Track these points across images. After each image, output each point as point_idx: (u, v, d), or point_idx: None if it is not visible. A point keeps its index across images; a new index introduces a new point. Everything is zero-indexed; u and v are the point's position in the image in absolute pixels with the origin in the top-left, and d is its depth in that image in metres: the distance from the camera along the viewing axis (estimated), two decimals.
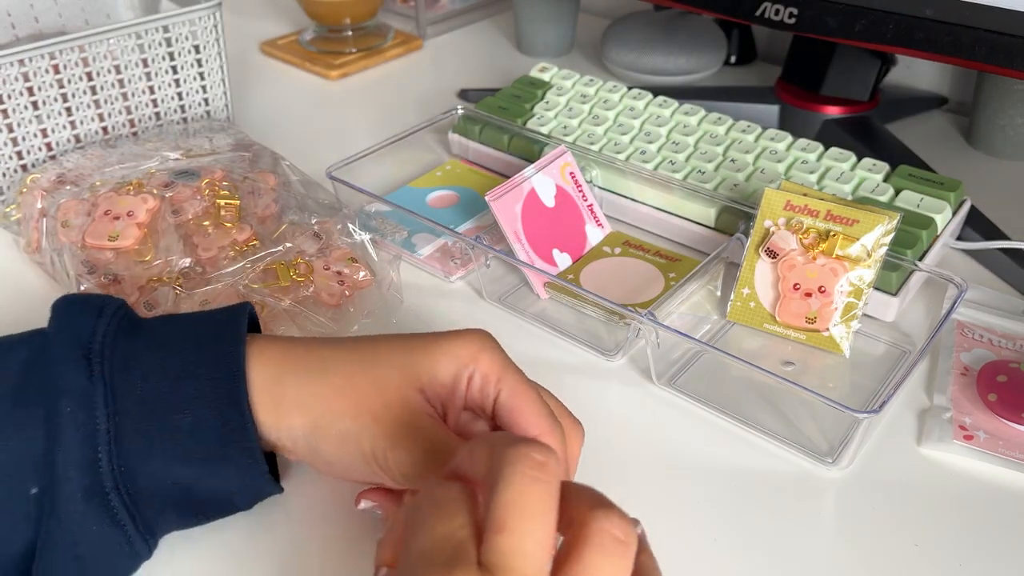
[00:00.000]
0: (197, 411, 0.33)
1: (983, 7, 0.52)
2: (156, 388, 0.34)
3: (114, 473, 0.32)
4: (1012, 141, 0.67)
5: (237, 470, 0.34)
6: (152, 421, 0.33)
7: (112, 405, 0.33)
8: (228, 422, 0.33)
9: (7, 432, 0.32)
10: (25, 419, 0.32)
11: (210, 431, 0.33)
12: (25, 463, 0.32)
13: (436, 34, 0.91)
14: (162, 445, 0.33)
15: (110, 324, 0.35)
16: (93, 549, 0.33)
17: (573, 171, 0.56)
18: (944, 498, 0.40)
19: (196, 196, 0.54)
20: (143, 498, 0.33)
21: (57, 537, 0.32)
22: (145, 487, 0.33)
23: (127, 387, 0.33)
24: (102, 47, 0.59)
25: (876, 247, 0.46)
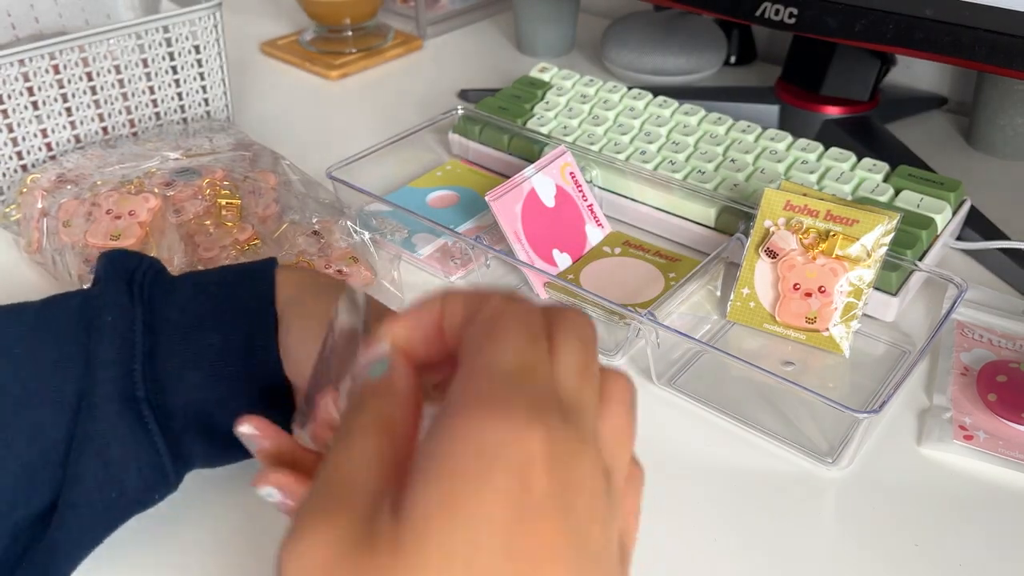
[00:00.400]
0: (227, 333, 0.36)
1: (983, 7, 0.52)
2: (191, 313, 0.36)
3: (147, 384, 0.34)
4: (1012, 141, 0.67)
5: (260, 389, 0.35)
6: (185, 342, 0.35)
7: (149, 323, 0.36)
8: (254, 342, 0.36)
9: (61, 340, 0.35)
10: (74, 332, 0.35)
11: (238, 350, 0.35)
12: (71, 364, 0.34)
13: (436, 34, 0.91)
14: (194, 363, 0.35)
15: (153, 264, 0.38)
16: (123, 453, 0.34)
17: (573, 171, 0.56)
18: (944, 498, 0.40)
19: (197, 196, 0.54)
20: (172, 414, 0.35)
21: (92, 432, 0.33)
22: (174, 404, 0.35)
23: (165, 311, 0.36)
24: (102, 47, 0.59)
25: (876, 247, 0.46)
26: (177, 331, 0.36)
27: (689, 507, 0.40)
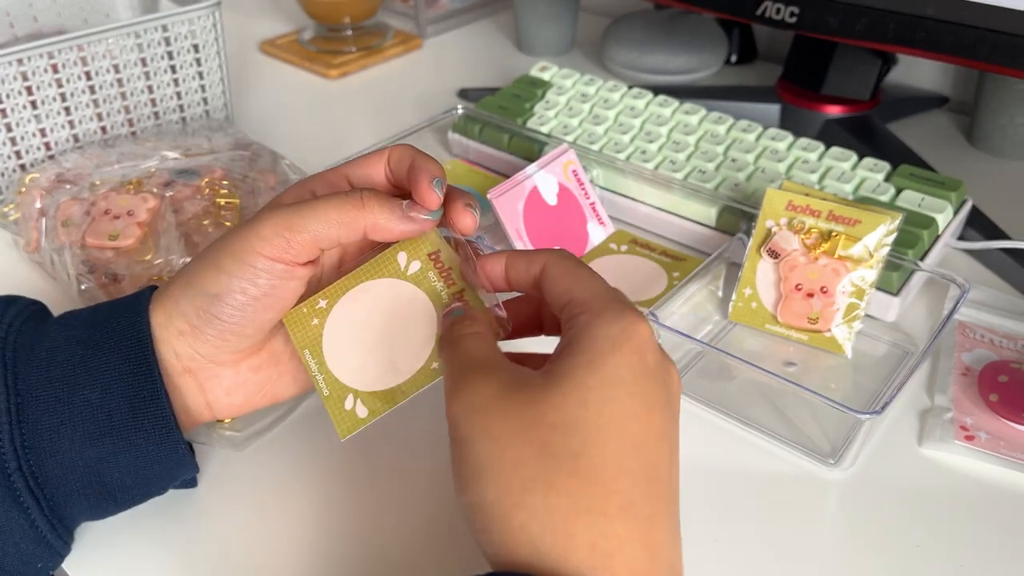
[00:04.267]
0: (106, 383, 0.33)
1: (985, 6, 0.52)
2: (63, 366, 0.33)
3: (17, 454, 0.32)
4: (1013, 141, 0.66)
5: (149, 441, 0.34)
6: (60, 399, 0.33)
7: (14, 386, 0.33)
8: (138, 391, 0.33)
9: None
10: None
11: (120, 402, 0.33)
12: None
13: (436, 33, 0.91)
14: (71, 423, 0.33)
15: (19, 313, 0.35)
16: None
17: (576, 169, 0.55)
18: (945, 499, 0.40)
19: (196, 195, 0.54)
20: (51, 482, 0.33)
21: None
22: (54, 470, 0.33)
23: (32, 367, 0.33)
24: (101, 46, 0.59)
25: (878, 247, 0.46)
26: (47, 389, 0.33)
27: (690, 508, 0.40)
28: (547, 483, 0.27)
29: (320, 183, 0.37)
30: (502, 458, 0.27)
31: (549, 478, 0.27)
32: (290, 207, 0.34)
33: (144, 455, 0.34)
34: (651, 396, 0.29)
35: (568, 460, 0.27)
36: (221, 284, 0.34)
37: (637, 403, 0.28)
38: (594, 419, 0.28)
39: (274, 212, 0.34)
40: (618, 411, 0.28)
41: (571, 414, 0.28)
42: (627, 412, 0.28)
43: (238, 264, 0.33)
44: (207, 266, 0.34)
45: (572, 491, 0.27)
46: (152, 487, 0.36)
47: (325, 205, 0.34)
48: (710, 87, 0.77)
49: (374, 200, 0.34)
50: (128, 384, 0.33)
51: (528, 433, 0.28)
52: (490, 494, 0.27)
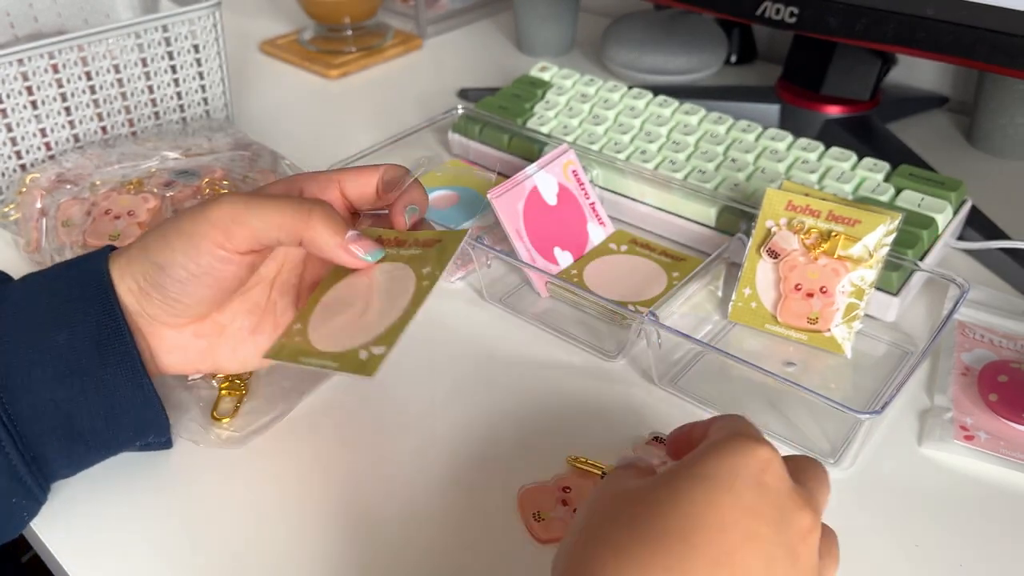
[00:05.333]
0: (72, 325, 0.35)
1: (984, 6, 0.52)
2: (28, 312, 0.36)
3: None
4: (1013, 141, 0.67)
5: (116, 378, 0.35)
6: (28, 344, 0.35)
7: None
8: (102, 330, 0.35)
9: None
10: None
11: (85, 342, 0.35)
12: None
13: (436, 33, 0.91)
14: (40, 364, 0.35)
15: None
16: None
17: (576, 169, 0.55)
18: (945, 498, 0.40)
19: (196, 195, 0.54)
20: (23, 421, 0.35)
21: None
22: (25, 410, 0.35)
23: (2, 316, 0.36)
24: (101, 47, 0.59)
25: (878, 247, 0.46)
26: (15, 335, 0.35)
27: None
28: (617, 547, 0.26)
29: (311, 183, 0.39)
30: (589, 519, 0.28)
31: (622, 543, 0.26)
32: (246, 199, 0.36)
33: (111, 392, 0.35)
34: (761, 522, 0.27)
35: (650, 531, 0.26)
36: (166, 257, 0.36)
37: (750, 521, 0.26)
38: (686, 507, 0.26)
39: (231, 200, 0.36)
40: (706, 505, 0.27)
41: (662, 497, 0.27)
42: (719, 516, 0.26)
43: (183, 242, 0.36)
44: (159, 237, 0.36)
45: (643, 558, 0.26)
46: (122, 431, 0.37)
47: (273, 207, 0.36)
48: (710, 87, 0.77)
49: (320, 218, 0.36)
50: (93, 324, 0.35)
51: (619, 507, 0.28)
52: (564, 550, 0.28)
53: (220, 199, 0.36)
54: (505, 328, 0.50)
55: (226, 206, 0.35)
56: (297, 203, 0.36)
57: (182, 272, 0.36)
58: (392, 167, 0.40)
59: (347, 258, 0.37)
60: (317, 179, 0.39)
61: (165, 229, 0.36)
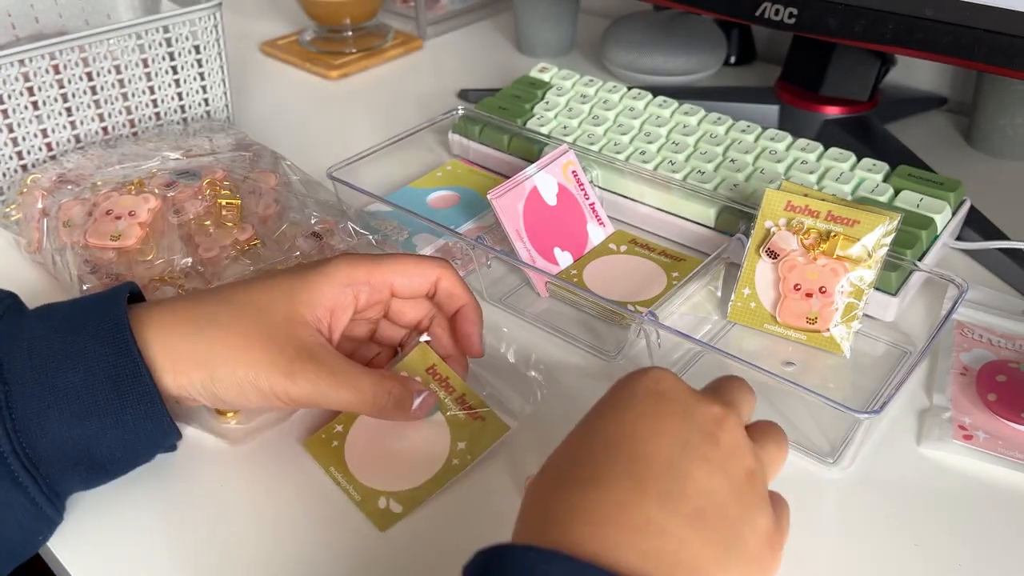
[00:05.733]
0: (87, 365, 0.35)
1: (983, 7, 0.52)
2: (44, 351, 0.35)
3: (10, 437, 0.34)
4: (1012, 141, 0.67)
5: (135, 417, 0.35)
6: (44, 383, 0.35)
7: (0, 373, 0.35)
8: (120, 371, 0.35)
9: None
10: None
11: (103, 382, 0.35)
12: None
13: (436, 34, 0.91)
14: (57, 405, 0.35)
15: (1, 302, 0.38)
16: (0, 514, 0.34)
17: (576, 170, 0.56)
18: (944, 498, 0.40)
19: (197, 196, 0.54)
20: (45, 461, 0.35)
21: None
22: (45, 449, 0.35)
23: (15, 354, 0.35)
24: (102, 47, 0.59)
25: (877, 247, 0.46)
26: (31, 375, 0.35)
27: None
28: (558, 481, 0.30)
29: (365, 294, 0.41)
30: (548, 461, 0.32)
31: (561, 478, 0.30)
32: (326, 382, 0.37)
33: (130, 431, 0.36)
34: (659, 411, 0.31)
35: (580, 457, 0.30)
36: (238, 402, 0.38)
37: (627, 414, 0.31)
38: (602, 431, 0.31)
39: (303, 382, 0.37)
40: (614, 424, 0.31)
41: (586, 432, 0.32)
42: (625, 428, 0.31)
43: (259, 400, 0.37)
44: (232, 382, 0.37)
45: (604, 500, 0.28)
46: (140, 457, 0.38)
47: (350, 388, 0.37)
48: (709, 88, 0.77)
49: (394, 411, 0.39)
50: (110, 365, 0.35)
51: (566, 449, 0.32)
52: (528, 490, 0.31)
53: (306, 375, 0.37)
54: (505, 327, 0.51)
55: (311, 390, 0.37)
56: (374, 385, 0.38)
57: (247, 406, 0.39)
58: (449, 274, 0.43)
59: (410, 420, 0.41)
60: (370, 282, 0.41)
61: (240, 379, 0.37)
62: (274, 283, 0.39)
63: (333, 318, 0.39)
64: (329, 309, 0.39)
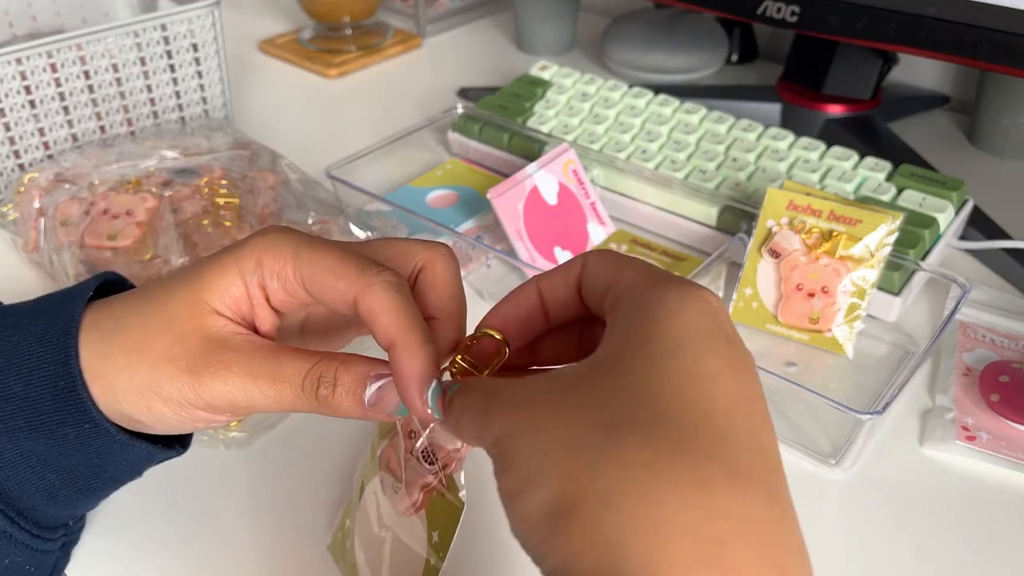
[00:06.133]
0: (26, 374, 0.30)
1: (986, 5, 0.51)
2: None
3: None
4: (1015, 140, 0.66)
5: (78, 438, 0.30)
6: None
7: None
8: (57, 383, 0.30)
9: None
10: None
11: (43, 393, 0.30)
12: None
13: (436, 32, 0.91)
14: (2, 414, 0.30)
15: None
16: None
17: (576, 168, 0.55)
18: (946, 499, 0.40)
19: (195, 195, 0.54)
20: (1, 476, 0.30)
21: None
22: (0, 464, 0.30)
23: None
24: (100, 46, 0.58)
25: (879, 247, 0.46)
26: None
27: None
28: (618, 458, 0.20)
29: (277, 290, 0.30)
30: (556, 447, 0.21)
31: (618, 452, 0.20)
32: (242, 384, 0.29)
33: (81, 447, 0.31)
34: (735, 359, 0.23)
35: (641, 431, 0.21)
36: (150, 418, 0.30)
37: (718, 363, 0.22)
38: (664, 384, 0.22)
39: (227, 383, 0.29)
40: (694, 372, 0.22)
41: (635, 385, 0.22)
42: (706, 373, 0.22)
43: (172, 411, 0.30)
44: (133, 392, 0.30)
45: (651, 463, 0.20)
46: (115, 472, 0.32)
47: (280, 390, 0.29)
48: (711, 86, 0.77)
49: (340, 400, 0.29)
50: (49, 374, 0.30)
51: (584, 416, 0.21)
52: (543, 492, 0.21)
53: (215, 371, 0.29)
54: None
55: (223, 388, 0.29)
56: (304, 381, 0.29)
57: (170, 429, 0.31)
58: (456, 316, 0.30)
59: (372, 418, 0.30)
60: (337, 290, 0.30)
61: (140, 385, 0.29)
62: (184, 270, 0.31)
63: (255, 306, 0.31)
64: (244, 299, 0.30)
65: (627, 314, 0.24)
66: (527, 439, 0.22)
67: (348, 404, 0.29)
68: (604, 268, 0.26)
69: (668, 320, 0.23)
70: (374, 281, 0.28)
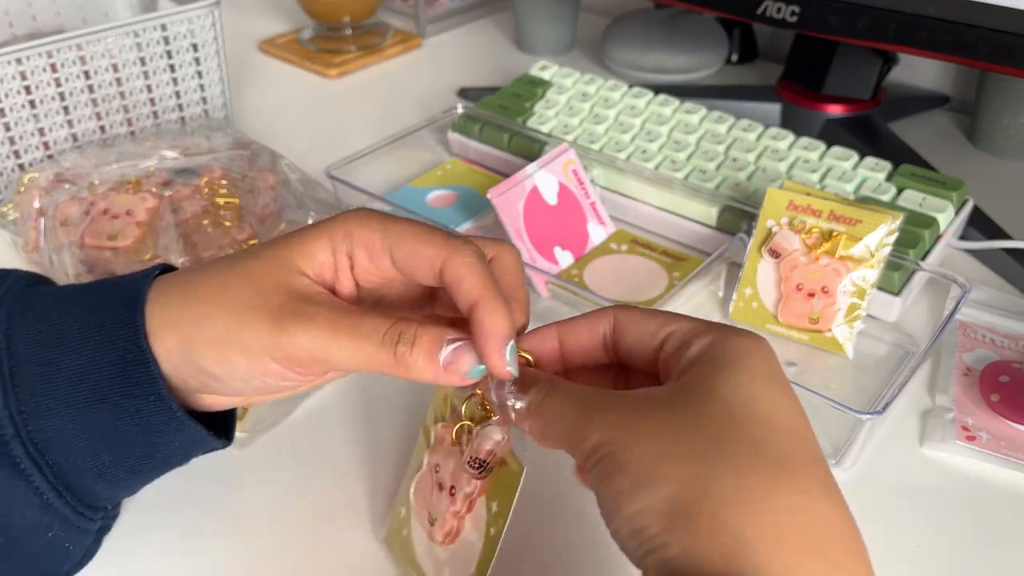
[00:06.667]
0: (93, 348, 0.31)
1: (986, 5, 0.51)
2: (55, 327, 0.31)
3: (14, 420, 0.30)
4: (1015, 140, 0.66)
5: (142, 407, 0.31)
6: (52, 363, 0.31)
7: (7, 348, 0.31)
8: (126, 356, 0.30)
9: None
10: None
11: (109, 368, 0.31)
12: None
13: (436, 32, 0.91)
14: (64, 388, 0.31)
15: (19, 280, 0.34)
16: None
17: (576, 168, 0.55)
18: (947, 499, 0.40)
19: (195, 195, 0.54)
20: (52, 448, 0.31)
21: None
22: (53, 436, 0.31)
23: (27, 330, 0.31)
24: (100, 46, 0.58)
25: (879, 247, 0.46)
26: (39, 352, 0.31)
27: None
28: (733, 468, 0.24)
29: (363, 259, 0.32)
30: (674, 451, 0.25)
31: (733, 464, 0.24)
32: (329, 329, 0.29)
33: (141, 423, 0.31)
34: (791, 391, 0.28)
35: (748, 446, 0.25)
36: (221, 370, 0.30)
37: (788, 398, 0.27)
38: (760, 410, 0.26)
39: (310, 331, 0.29)
40: (778, 403, 0.27)
41: (737, 408, 0.26)
42: (783, 405, 0.27)
43: (245, 362, 0.30)
44: (211, 344, 0.30)
45: (764, 474, 0.24)
46: (165, 455, 0.33)
47: (359, 341, 0.29)
48: (711, 86, 0.77)
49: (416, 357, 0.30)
50: (119, 349, 0.31)
51: (694, 429, 0.25)
52: (666, 489, 0.24)
53: (298, 321, 0.29)
54: None
55: (304, 339, 0.29)
56: (384, 336, 0.29)
57: (240, 385, 0.31)
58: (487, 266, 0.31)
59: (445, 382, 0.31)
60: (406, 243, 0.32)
61: (219, 334, 0.30)
62: (272, 240, 0.33)
63: (339, 273, 0.32)
64: (329, 265, 0.32)
65: (705, 354, 0.28)
66: (642, 446, 0.25)
67: (423, 363, 0.30)
68: (645, 323, 0.30)
69: (744, 361, 0.27)
70: (462, 248, 0.30)
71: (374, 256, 0.32)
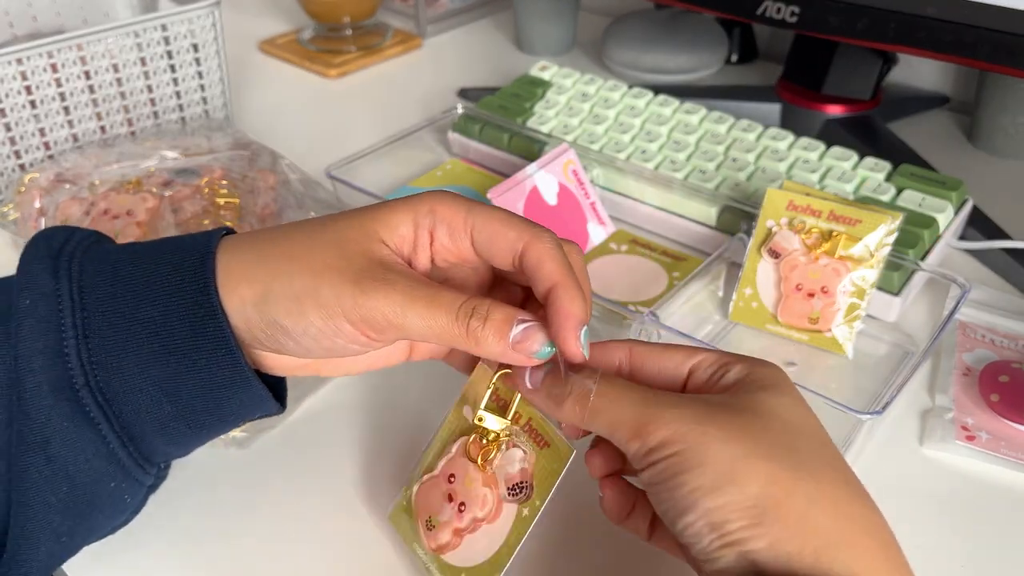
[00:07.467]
0: (166, 301, 0.32)
1: (986, 6, 0.52)
2: (126, 281, 0.32)
3: (84, 369, 0.31)
4: (1014, 140, 0.66)
5: (211, 360, 0.31)
6: (124, 315, 0.31)
7: (80, 301, 0.31)
8: (197, 309, 0.31)
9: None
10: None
11: (180, 321, 0.31)
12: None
13: (436, 33, 0.91)
14: (135, 340, 0.31)
15: (88, 235, 0.34)
16: (67, 449, 0.31)
17: (576, 169, 0.55)
18: (946, 499, 0.40)
19: (195, 195, 0.54)
20: (119, 398, 0.31)
21: (27, 434, 0.30)
22: (121, 387, 0.31)
23: (98, 283, 0.32)
24: (100, 46, 0.58)
25: (879, 247, 0.46)
26: (111, 305, 0.32)
27: None
28: (810, 473, 0.27)
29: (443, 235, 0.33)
30: (755, 452, 0.27)
31: (810, 470, 0.27)
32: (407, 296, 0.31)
33: (207, 376, 0.32)
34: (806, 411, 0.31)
35: (815, 455, 0.28)
36: (295, 324, 0.31)
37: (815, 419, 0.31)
38: (808, 425, 0.29)
39: (388, 295, 0.30)
40: (816, 423, 0.30)
41: (791, 422, 0.29)
42: (819, 425, 0.30)
43: (321, 320, 0.31)
44: (289, 298, 0.31)
45: (833, 482, 0.28)
46: (225, 412, 0.33)
47: (435, 311, 0.31)
48: (710, 87, 0.77)
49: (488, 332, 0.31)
50: (189, 302, 0.31)
51: (763, 434, 0.28)
52: (753, 487, 0.27)
53: (378, 286, 0.31)
54: None
55: (383, 303, 0.30)
56: (459, 309, 0.31)
57: (311, 343, 0.31)
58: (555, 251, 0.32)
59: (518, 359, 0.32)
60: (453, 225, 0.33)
61: (298, 289, 0.31)
62: (354, 209, 0.33)
63: (418, 248, 0.33)
64: (410, 239, 0.33)
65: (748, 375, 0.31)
66: (720, 445, 0.27)
67: (493, 338, 0.31)
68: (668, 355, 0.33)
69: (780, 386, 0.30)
70: (543, 234, 0.32)
71: (455, 235, 0.33)
